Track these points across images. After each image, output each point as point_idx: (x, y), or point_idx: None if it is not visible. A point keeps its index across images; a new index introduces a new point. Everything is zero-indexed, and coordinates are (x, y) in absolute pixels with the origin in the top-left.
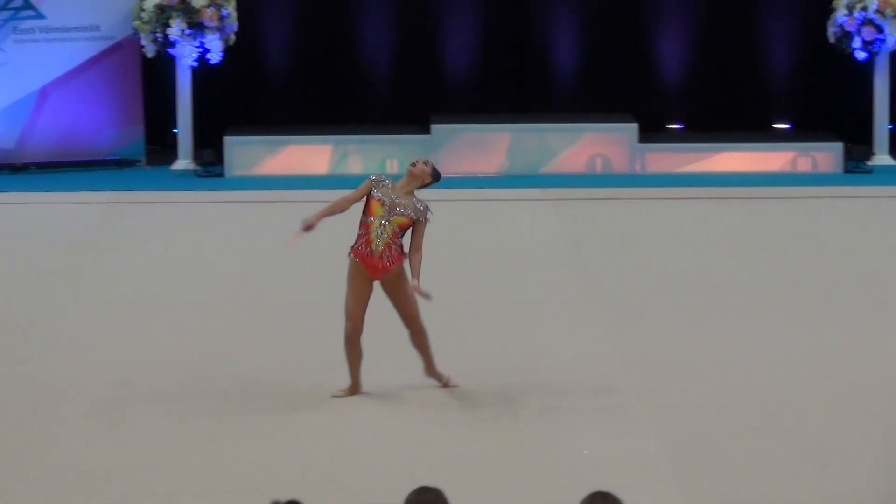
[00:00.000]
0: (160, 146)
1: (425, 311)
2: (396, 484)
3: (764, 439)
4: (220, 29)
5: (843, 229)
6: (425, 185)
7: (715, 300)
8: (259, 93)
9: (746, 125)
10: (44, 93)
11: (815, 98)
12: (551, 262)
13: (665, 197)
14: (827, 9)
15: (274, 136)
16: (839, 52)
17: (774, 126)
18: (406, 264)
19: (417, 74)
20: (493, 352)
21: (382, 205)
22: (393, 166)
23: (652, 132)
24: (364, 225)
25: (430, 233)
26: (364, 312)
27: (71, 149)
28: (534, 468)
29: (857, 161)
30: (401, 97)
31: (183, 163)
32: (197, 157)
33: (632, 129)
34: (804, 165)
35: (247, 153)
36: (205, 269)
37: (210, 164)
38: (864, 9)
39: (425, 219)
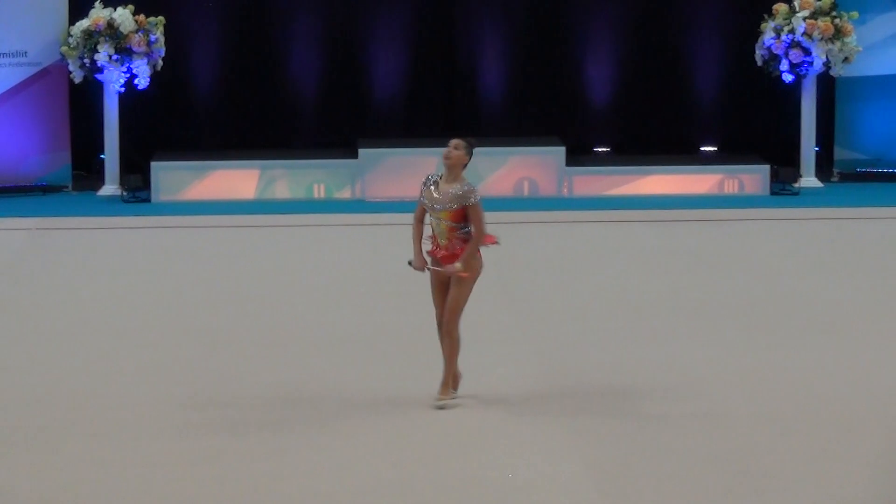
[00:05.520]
0: (87, 172)
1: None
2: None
3: (706, 463)
4: (148, 54)
5: (770, 251)
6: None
7: (642, 322)
8: (186, 118)
9: (673, 148)
10: None
11: (742, 121)
12: (477, 286)
13: (593, 220)
14: (754, 32)
15: (201, 162)
16: (766, 75)
17: (701, 149)
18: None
19: (344, 99)
20: (418, 369)
21: (427, 207)
22: (320, 191)
23: (579, 155)
24: (431, 224)
25: (355, 258)
26: (444, 301)
27: None
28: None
29: (783, 183)
30: (328, 122)
31: (110, 188)
32: (124, 183)
33: (559, 152)
34: (731, 188)
35: (173, 178)
36: (131, 295)
37: (137, 189)
38: (792, 31)
39: (470, 201)
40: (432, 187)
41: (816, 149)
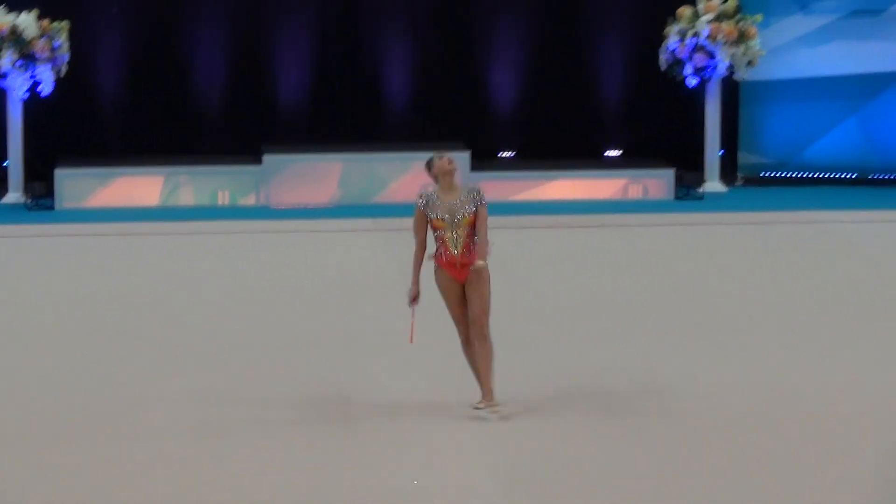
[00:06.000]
0: None
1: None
2: None
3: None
4: (52, 60)
5: (674, 255)
6: (452, 172)
7: (548, 327)
8: (90, 124)
9: (578, 153)
10: None
11: (647, 125)
12: (381, 292)
13: (498, 226)
14: (658, 36)
15: (105, 168)
16: (670, 80)
17: (606, 153)
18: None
19: (249, 105)
20: (323, 378)
21: (444, 220)
22: (225, 198)
23: (484, 160)
24: (439, 238)
25: (259, 264)
26: (465, 315)
27: None
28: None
29: (688, 188)
30: (232, 128)
31: (13, 196)
32: (28, 190)
33: (464, 157)
34: (635, 192)
35: (78, 186)
36: (34, 303)
37: (41, 197)
38: (696, 35)
39: (482, 202)
40: (439, 203)
41: (721, 153)
